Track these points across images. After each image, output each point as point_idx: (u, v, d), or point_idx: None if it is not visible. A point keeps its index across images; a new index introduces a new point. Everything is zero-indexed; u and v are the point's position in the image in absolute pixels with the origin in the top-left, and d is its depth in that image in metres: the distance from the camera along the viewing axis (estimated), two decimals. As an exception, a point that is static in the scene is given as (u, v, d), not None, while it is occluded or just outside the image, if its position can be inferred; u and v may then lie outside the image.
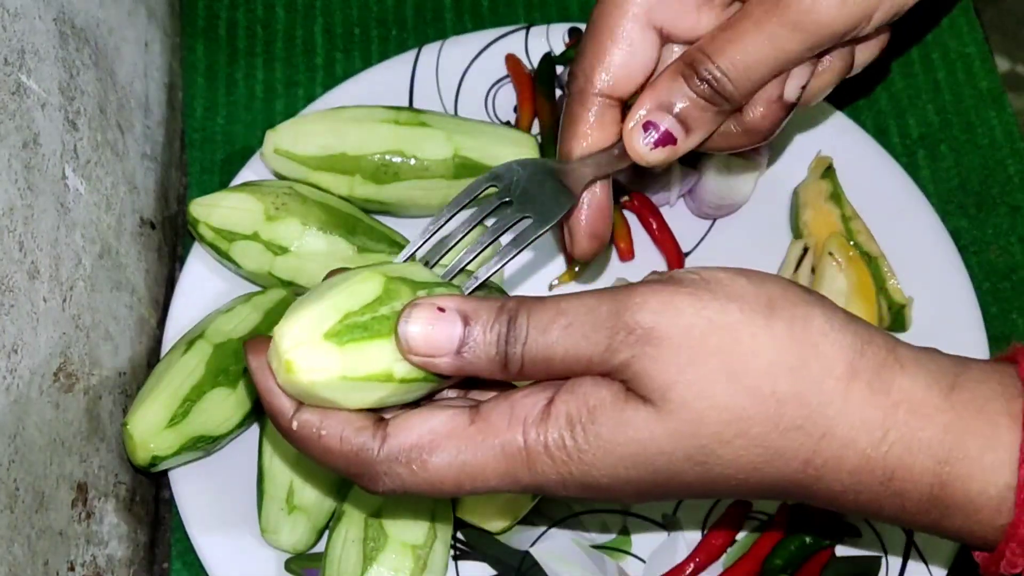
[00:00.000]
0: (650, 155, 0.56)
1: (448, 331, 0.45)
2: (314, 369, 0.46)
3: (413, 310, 0.45)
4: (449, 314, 0.45)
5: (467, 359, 0.45)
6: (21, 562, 0.53)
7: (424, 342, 0.45)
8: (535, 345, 0.45)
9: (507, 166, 0.55)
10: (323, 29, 0.84)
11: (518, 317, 0.45)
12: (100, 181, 0.66)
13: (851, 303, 0.68)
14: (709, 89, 0.54)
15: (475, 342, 0.45)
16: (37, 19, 0.60)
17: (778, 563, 0.63)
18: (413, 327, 0.45)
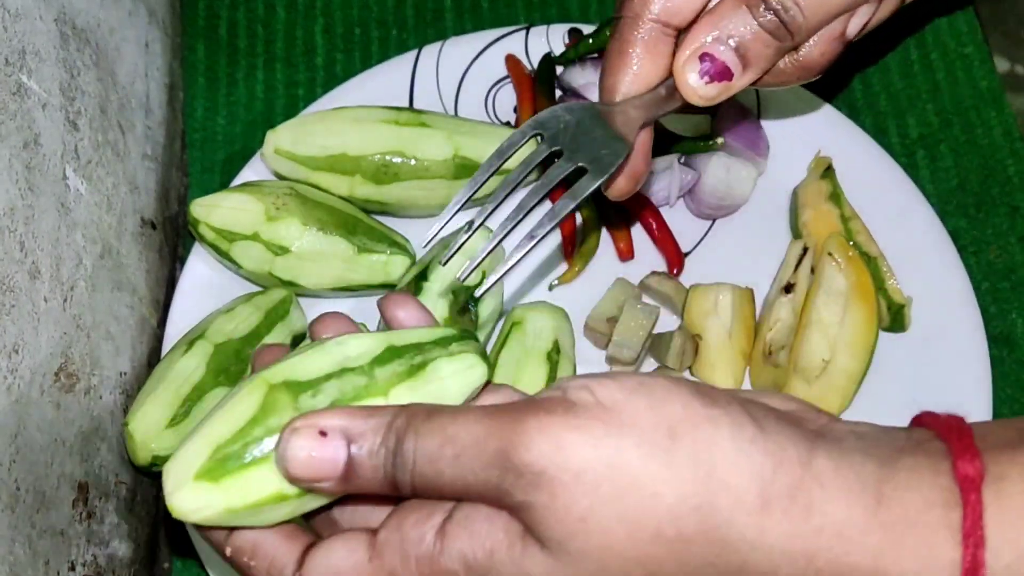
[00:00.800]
0: (704, 89, 0.52)
1: (331, 455, 0.42)
2: (197, 509, 0.44)
3: (292, 436, 0.42)
4: (332, 437, 0.42)
5: (355, 483, 0.43)
6: (22, 562, 0.53)
7: (306, 469, 0.42)
8: (422, 475, 0.42)
9: (551, 112, 0.51)
10: (323, 29, 0.84)
11: (405, 440, 0.42)
12: (101, 181, 0.66)
13: (851, 303, 0.69)
14: (776, 21, 0.51)
15: (361, 466, 0.42)
16: (38, 19, 0.60)
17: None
18: (293, 453, 0.42)
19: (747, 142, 0.74)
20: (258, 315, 0.68)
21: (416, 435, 0.42)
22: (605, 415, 0.41)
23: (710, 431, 0.40)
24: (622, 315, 0.69)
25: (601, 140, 0.50)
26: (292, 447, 0.42)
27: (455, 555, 0.42)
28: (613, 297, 0.71)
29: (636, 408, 0.41)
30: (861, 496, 0.40)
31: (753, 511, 0.40)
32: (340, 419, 0.42)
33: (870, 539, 0.40)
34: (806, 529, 0.40)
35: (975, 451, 0.40)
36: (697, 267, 0.73)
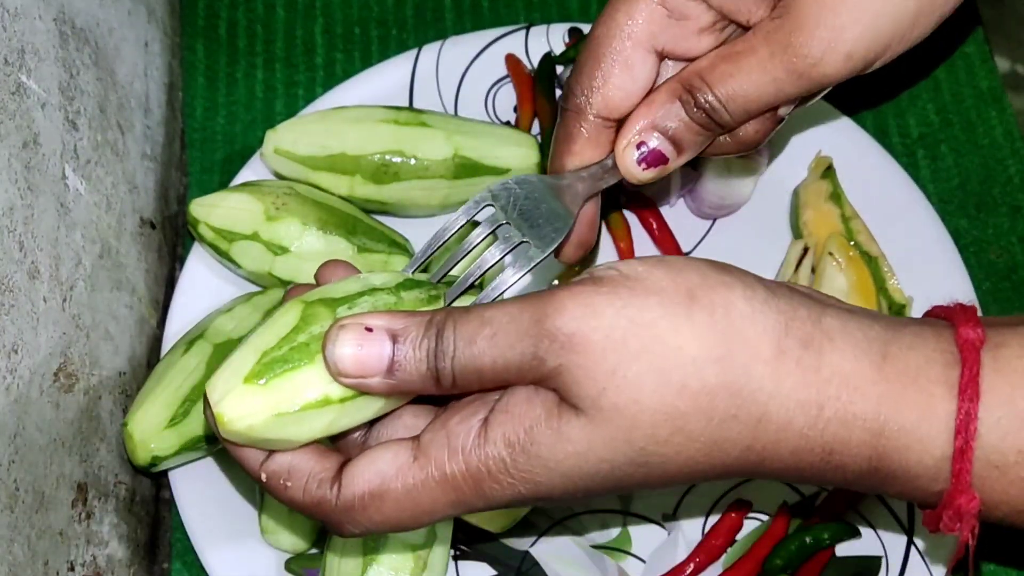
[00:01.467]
0: (641, 174, 0.57)
1: (378, 350, 0.45)
2: (245, 415, 0.45)
3: (340, 332, 0.45)
4: (377, 333, 0.45)
5: (400, 377, 0.45)
6: (21, 562, 0.53)
7: (354, 364, 0.45)
8: (463, 357, 0.44)
9: (503, 185, 0.55)
10: (323, 29, 0.84)
11: (445, 330, 0.45)
12: (100, 181, 0.66)
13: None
14: (705, 116, 0.55)
15: (406, 359, 0.45)
16: (37, 19, 0.60)
17: (778, 563, 0.63)
18: (341, 349, 0.45)
19: (747, 142, 0.74)
20: (258, 315, 0.68)
21: (455, 323, 0.45)
22: (629, 283, 0.44)
23: (726, 293, 0.44)
24: (622, 315, 0.69)
25: (546, 214, 0.54)
26: (340, 342, 0.44)
27: (498, 439, 0.45)
28: (613, 297, 0.71)
29: (657, 276, 0.44)
30: (868, 351, 0.44)
31: (769, 361, 0.43)
32: (384, 318, 0.45)
33: (874, 390, 0.43)
34: (817, 379, 0.43)
35: (977, 321, 0.45)
36: (697, 267, 0.73)
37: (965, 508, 0.44)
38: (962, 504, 0.44)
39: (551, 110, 0.76)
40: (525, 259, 0.53)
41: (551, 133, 0.75)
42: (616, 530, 0.66)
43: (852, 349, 0.44)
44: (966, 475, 0.44)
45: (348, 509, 0.46)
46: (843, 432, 0.44)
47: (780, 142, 0.76)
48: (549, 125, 0.76)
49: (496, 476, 0.45)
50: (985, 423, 0.43)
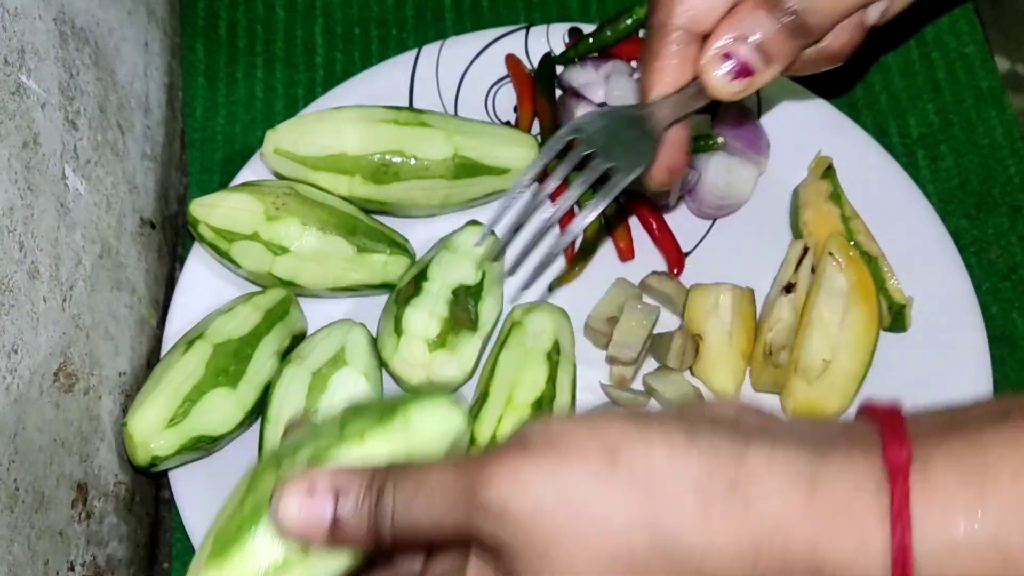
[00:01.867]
0: (727, 87, 0.55)
1: (320, 512, 0.45)
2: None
3: (284, 495, 0.45)
4: (319, 495, 0.45)
5: (342, 536, 0.46)
6: (21, 562, 0.53)
7: (297, 524, 0.45)
8: (401, 520, 0.45)
9: (589, 116, 0.55)
10: (323, 29, 0.84)
11: (384, 493, 0.45)
12: (100, 181, 0.66)
13: (851, 303, 0.68)
14: (793, 20, 0.54)
15: (346, 520, 0.45)
16: (37, 19, 0.60)
17: (778, 563, 0.63)
18: (284, 511, 0.45)
19: (747, 142, 0.74)
20: (257, 315, 0.68)
21: (393, 484, 0.45)
22: (553, 446, 0.43)
23: (644, 450, 0.42)
24: (622, 315, 0.69)
25: (630, 141, 0.54)
26: (284, 504, 0.45)
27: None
28: (613, 297, 0.71)
29: (578, 436, 0.43)
30: (795, 485, 0.41)
31: (695, 516, 0.42)
32: (327, 478, 0.45)
33: (807, 526, 0.41)
34: (748, 526, 0.41)
35: (904, 438, 0.42)
36: (697, 267, 0.73)
37: None
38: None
39: (551, 110, 0.76)
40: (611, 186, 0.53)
41: (552, 132, 0.75)
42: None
43: (779, 487, 0.42)
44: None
45: None
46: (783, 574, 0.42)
47: (780, 142, 0.76)
48: (549, 125, 0.76)
49: None
50: (920, 554, 0.41)
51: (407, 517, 0.45)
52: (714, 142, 0.73)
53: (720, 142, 0.73)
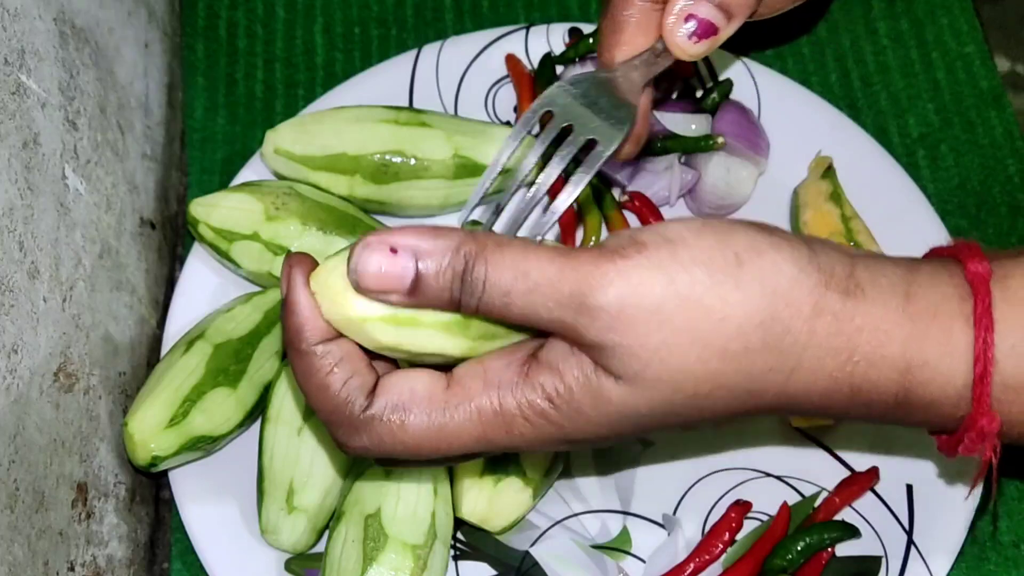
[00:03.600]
0: (692, 48, 0.56)
1: (400, 271, 0.44)
2: None
3: (363, 250, 0.44)
4: (401, 254, 0.44)
5: (421, 299, 0.45)
6: (21, 562, 0.53)
7: (376, 281, 0.44)
8: (491, 301, 0.44)
9: (558, 88, 0.54)
10: (323, 29, 0.84)
11: (475, 267, 0.44)
12: (100, 181, 0.66)
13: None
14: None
15: (427, 284, 0.44)
16: (37, 19, 0.60)
17: (778, 563, 0.63)
18: (364, 266, 0.44)
19: (747, 142, 0.74)
20: (257, 315, 0.68)
21: (486, 264, 0.44)
22: (675, 251, 0.45)
23: (773, 255, 0.45)
24: (622, 315, 0.69)
25: (607, 108, 0.53)
26: (363, 261, 0.44)
27: (538, 388, 0.46)
28: (613, 297, 0.70)
29: (706, 243, 0.45)
30: (893, 295, 0.47)
31: (808, 318, 0.45)
32: (410, 238, 0.44)
33: (900, 331, 0.46)
34: (850, 328, 0.46)
35: (982, 255, 0.48)
36: (697, 267, 0.73)
37: (987, 429, 0.47)
38: (984, 425, 0.47)
39: (551, 110, 0.76)
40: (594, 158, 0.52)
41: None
42: (616, 530, 0.66)
43: (880, 296, 0.46)
44: (986, 399, 0.46)
45: (371, 418, 0.46)
46: (871, 373, 0.47)
47: (780, 142, 0.76)
48: (549, 125, 0.76)
49: (531, 419, 0.46)
50: (1000, 350, 0.46)
51: (497, 302, 0.44)
52: (714, 142, 0.73)
53: (720, 142, 0.73)
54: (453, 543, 0.65)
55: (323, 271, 0.46)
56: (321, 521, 0.64)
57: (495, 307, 0.45)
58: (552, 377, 0.46)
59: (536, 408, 0.46)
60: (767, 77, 0.78)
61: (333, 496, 0.64)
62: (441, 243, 0.44)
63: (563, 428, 0.46)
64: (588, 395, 0.46)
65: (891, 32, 0.83)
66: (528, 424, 0.46)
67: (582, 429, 0.47)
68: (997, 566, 0.66)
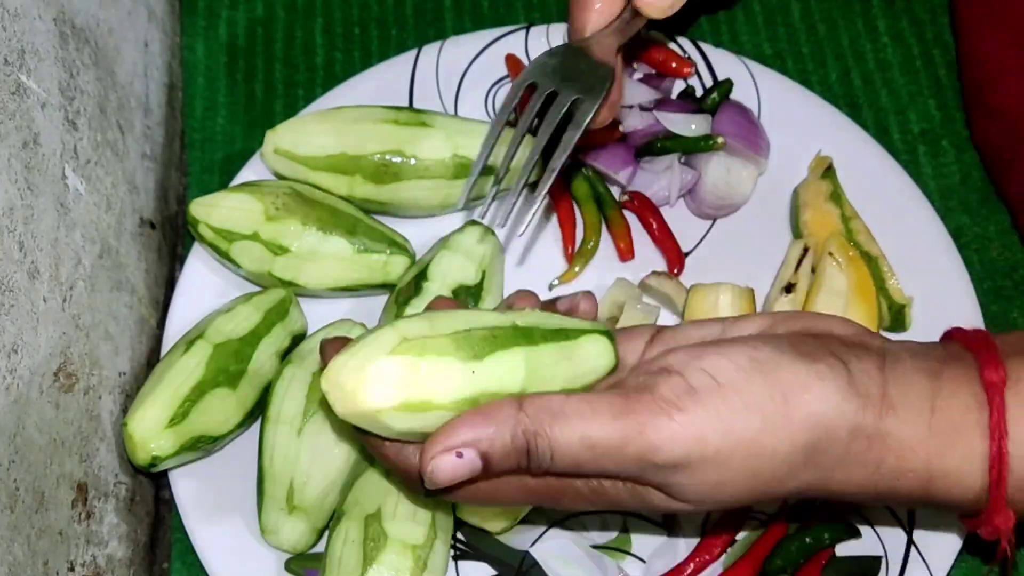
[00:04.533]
0: (660, 4, 0.58)
1: (470, 467, 0.48)
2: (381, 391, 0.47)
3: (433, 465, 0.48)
4: (466, 455, 0.48)
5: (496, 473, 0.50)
6: (21, 562, 0.53)
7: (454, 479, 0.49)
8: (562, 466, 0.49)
9: (537, 61, 0.56)
10: (323, 29, 0.84)
11: (538, 445, 0.48)
12: (100, 181, 0.66)
13: (851, 303, 0.68)
14: None
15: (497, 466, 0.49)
16: (37, 19, 0.60)
17: (778, 563, 0.63)
18: (439, 477, 0.48)
19: (747, 142, 0.74)
20: (257, 315, 0.68)
21: (549, 440, 0.48)
22: (727, 395, 0.48)
23: (818, 388, 0.49)
24: (622, 315, 0.69)
25: (586, 71, 0.56)
26: (437, 471, 0.48)
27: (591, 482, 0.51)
28: (613, 297, 0.71)
29: (754, 386, 0.49)
30: (922, 412, 0.50)
31: (844, 441, 0.50)
32: (467, 433, 0.48)
33: (924, 447, 0.50)
34: (880, 446, 0.50)
35: (999, 361, 0.50)
36: (697, 267, 0.73)
37: (1003, 527, 0.51)
38: (999, 523, 0.51)
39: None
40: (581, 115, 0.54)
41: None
42: (616, 530, 0.66)
43: (910, 414, 0.50)
44: (1001, 500, 0.50)
45: None
46: (895, 483, 0.51)
47: (780, 142, 0.76)
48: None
49: (574, 500, 0.52)
50: (1014, 455, 0.50)
51: (569, 467, 0.49)
52: (714, 142, 0.73)
53: (720, 142, 0.73)
54: (453, 543, 0.65)
55: (332, 371, 0.48)
56: (321, 521, 0.64)
57: (568, 471, 0.49)
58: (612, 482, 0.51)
59: (580, 492, 0.51)
60: (767, 77, 0.78)
61: (333, 496, 0.64)
62: (495, 429, 0.48)
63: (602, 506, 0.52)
64: (632, 498, 0.51)
65: (891, 30, 0.83)
66: (571, 499, 0.51)
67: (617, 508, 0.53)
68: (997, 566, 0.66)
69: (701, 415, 0.48)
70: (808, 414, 0.49)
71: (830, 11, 0.84)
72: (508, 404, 0.48)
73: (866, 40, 0.83)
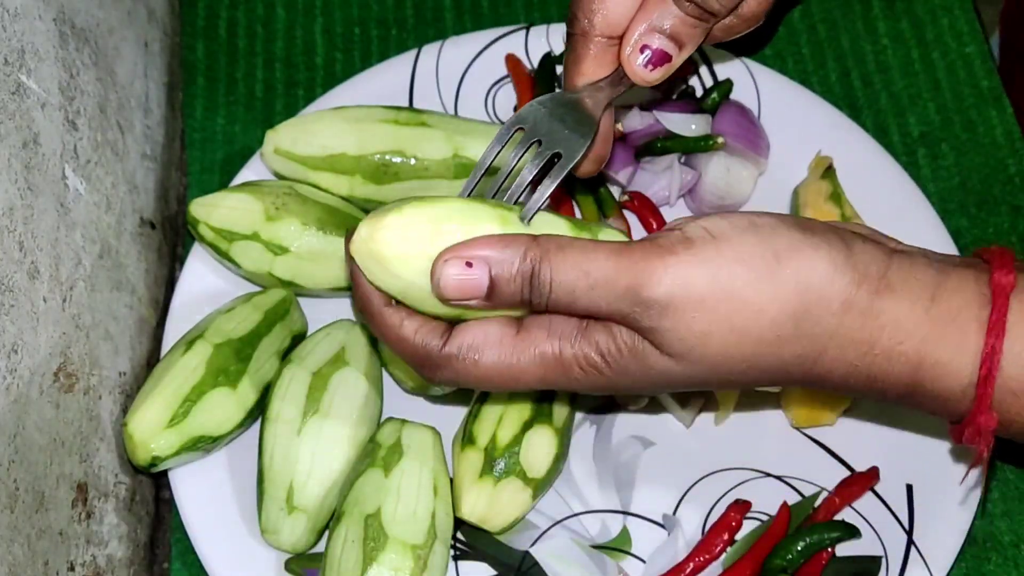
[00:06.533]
0: (649, 75, 0.60)
1: (476, 282, 0.51)
2: None
3: (443, 266, 0.51)
4: (476, 266, 0.51)
5: (496, 302, 0.51)
6: (21, 562, 0.53)
7: (457, 291, 0.51)
8: (558, 299, 0.51)
9: (529, 107, 0.59)
10: (323, 29, 0.84)
11: (541, 270, 0.50)
12: (100, 181, 0.66)
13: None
14: (695, 7, 0.59)
15: (500, 289, 0.51)
16: (37, 19, 0.60)
17: (778, 563, 0.63)
18: (445, 281, 0.51)
19: (747, 142, 0.74)
20: (257, 315, 0.68)
21: (551, 266, 0.51)
22: (719, 247, 0.50)
23: (811, 253, 0.50)
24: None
25: (571, 124, 0.59)
26: (444, 275, 0.51)
27: (594, 344, 0.52)
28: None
29: (748, 243, 0.50)
30: (920, 297, 0.51)
31: (837, 312, 0.51)
32: (482, 249, 0.51)
33: (919, 331, 0.51)
34: (874, 325, 0.51)
35: (1011, 268, 0.51)
36: (697, 267, 0.73)
37: (984, 426, 0.51)
38: (982, 423, 0.51)
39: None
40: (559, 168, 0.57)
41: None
42: (616, 530, 0.66)
43: (908, 296, 0.51)
44: (987, 399, 0.51)
45: (449, 356, 0.53)
46: (887, 365, 0.51)
47: (780, 142, 0.76)
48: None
49: (585, 369, 0.53)
50: (1007, 357, 0.50)
51: (564, 299, 0.51)
52: (714, 142, 0.73)
53: (720, 142, 0.73)
54: (453, 543, 0.65)
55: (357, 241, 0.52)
56: (321, 521, 0.64)
57: (562, 304, 0.51)
58: (606, 337, 0.52)
59: (590, 360, 0.52)
60: (767, 77, 0.78)
61: (333, 496, 0.64)
62: (509, 252, 0.51)
63: (611, 379, 0.53)
64: (635, 360, 0.52)
65: (891, 32, 0.83)
66: (582, 372, 0.53)
67: (626, 383, 0.53)
68: (997, 566, 0.66)
69: (690, 260, 0.50)
70: (797, 276, 0.50)
71: (830, 12, 0.84)
72: (524, 236, 0.51)
73: (866, 42, 0.83)
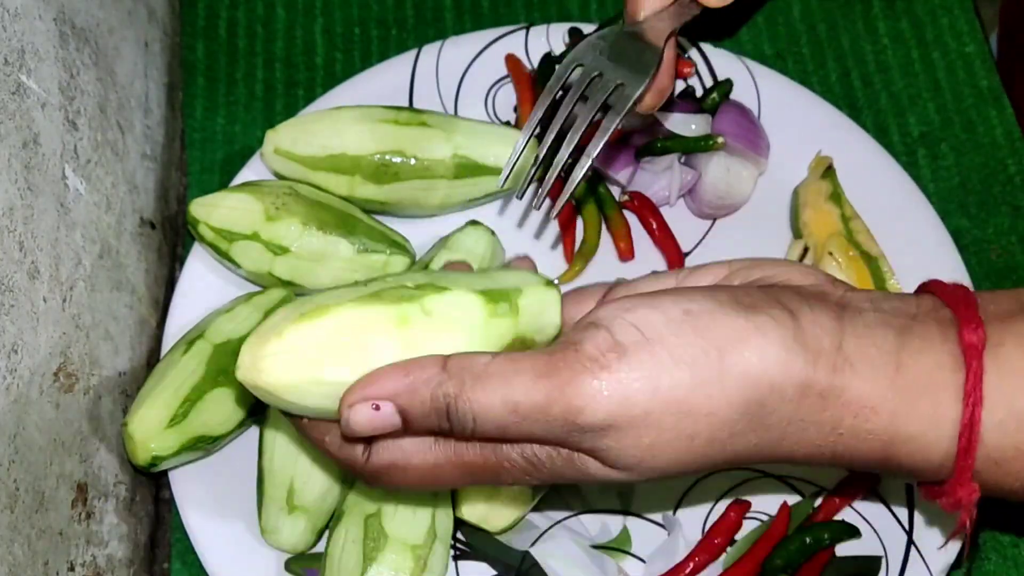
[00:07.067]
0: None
1: (388, 420, 0.46)
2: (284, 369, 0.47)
3: (351, 413, 0.46)
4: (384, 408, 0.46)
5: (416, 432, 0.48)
6: (21, 562, 0.53)
7: (371, 430, 0.47)
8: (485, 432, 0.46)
9: (587, 43, 0.55)
10: (323, 29, 0.84)
11: (459, 407, 0.45)
12: (100, 181, 0.66)
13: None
14: None
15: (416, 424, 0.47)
16: (37, 19, 0.60)
17: (778, 563, 0.63)
18: (355, 427, 0.46)
19: (747, 142, 0.74)
20: (257, 315, 0.68)
21: (470, 403, 0.45)
22: (655, 351, 0.45)
23: (758, 340, 0.45)
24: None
25: (633, 55, 0.55)
26: (352, 421, 0.46)
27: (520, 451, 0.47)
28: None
29: (684, 338, 0.45)
30: (882, 368, 0.46)
31: (793, 399, 0.46)
32: (384, 385, 0.46)
33: (887, 405, 0.46)
34: (836, 405, 0.46)
35: (979, 321, 0.46)
36: (697, 267, 0.73)
37: (966, 500, 0.47)
38: (963, 496, 0.47)
39: (551, 110, 0.76)
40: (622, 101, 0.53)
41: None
42: (616, 530, 0.66)
43: (869, 369, 0.46)
44: (968, 471, 0.46)
45: (375, 473, 0.49)
46: (854, 443, 0.47)
47: (780, 142, 0.76)
48: (549, 125, 0.76)
49: (513, 474, 0.48)
50: (987, 425, 0.46)
51: (492, 433, 0.46)
52: (714, 142, 0.73)
53: (720, 142, 0.73)
54: (453, 543, 0.65)
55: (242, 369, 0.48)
56: (321, 521, 0.64)
57: (490, 436, 0.46)
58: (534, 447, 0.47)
59: (517, 466, 0.48)
60: (767, 77, 0.78)
61: (333, 496, 0.64)
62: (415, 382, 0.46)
63: (544, 479, 0.49)
64: (570, 468, 0.48)
65: (891, 32, 0.83)
66: (510, 474, 0.48)
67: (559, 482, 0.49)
68: (997, 566, 0.66)
69: (625, 373, 0.44)
70: (745, 370, 0.45)
71: (830, 12, 0.84)
72: (432, 362, 0.46)
73: (866, 42, 0.83)
